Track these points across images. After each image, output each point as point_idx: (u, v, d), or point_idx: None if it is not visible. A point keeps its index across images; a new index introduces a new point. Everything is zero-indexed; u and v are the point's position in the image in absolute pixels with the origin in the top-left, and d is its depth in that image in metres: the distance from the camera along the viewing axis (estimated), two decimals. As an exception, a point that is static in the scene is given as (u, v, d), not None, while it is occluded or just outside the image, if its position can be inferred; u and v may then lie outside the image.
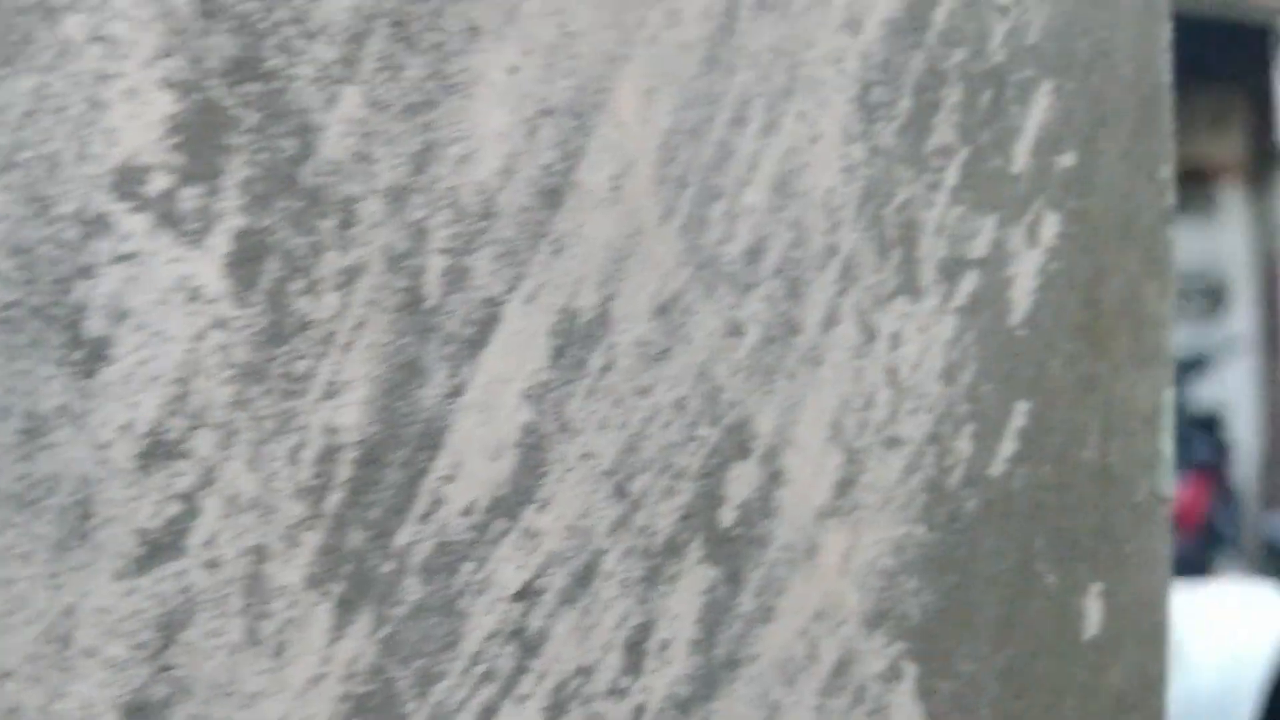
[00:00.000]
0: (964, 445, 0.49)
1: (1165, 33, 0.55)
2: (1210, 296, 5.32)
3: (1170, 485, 0.53)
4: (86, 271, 0.34)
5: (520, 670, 0.41)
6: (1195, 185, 5.52)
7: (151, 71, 0.35)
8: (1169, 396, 0.54)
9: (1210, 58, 5.38)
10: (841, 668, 0.46)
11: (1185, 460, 4.74)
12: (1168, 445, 0.54)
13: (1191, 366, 5.04)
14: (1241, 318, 5.79)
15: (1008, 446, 0.49)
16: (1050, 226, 0.51)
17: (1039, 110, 0.51)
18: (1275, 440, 5.79)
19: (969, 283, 0.49)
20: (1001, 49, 0.49)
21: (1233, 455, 5.13)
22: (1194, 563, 4.31)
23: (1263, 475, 5.79)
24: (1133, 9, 0.53)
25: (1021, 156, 0.50)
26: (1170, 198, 0.54)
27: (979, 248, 0.49)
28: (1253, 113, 5.78)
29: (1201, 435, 4.94)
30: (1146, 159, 0.53)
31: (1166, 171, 0.54)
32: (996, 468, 0.49)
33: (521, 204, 0.40)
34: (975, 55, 0.49)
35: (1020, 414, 0.50)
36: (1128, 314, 0.53)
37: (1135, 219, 0.53)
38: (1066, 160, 0.51)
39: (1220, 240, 5.76)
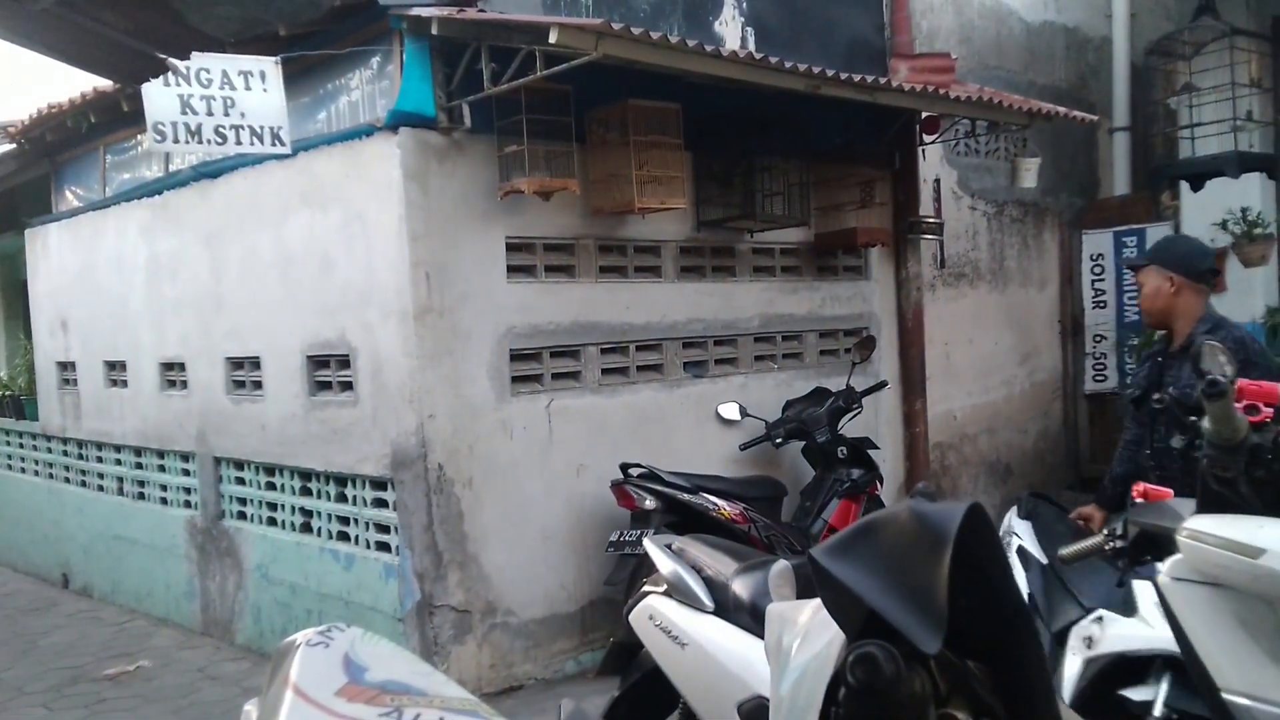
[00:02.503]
0: None
1: None
2: (864, 345, 5.96)
3: None
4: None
5: None
6: (850, 250, 6.35)
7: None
8: None
9: (862, 141, 6.24)
10: None
11: (840, 484, 5.47)
12: None
13: (850, 403, 5.64)
14: (887, 361, 6.69)
15: None
16: None
17: None
18: (912, 464, 6.74)
19: None
20: None
21: (880, 477, 5.74)
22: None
23: (904, 492, 6.72)
24: None
25: None
26: None
27: None
28: (898, 188, 6.71)
29: (855, 461, 5.54)
30: None
31: None
32: None
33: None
34: None
35: None
36: None
37: None
38: None
39: (871, 298, 6.58)
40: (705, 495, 4.86)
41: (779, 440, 5.56)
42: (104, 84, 5.97)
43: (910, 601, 1.18)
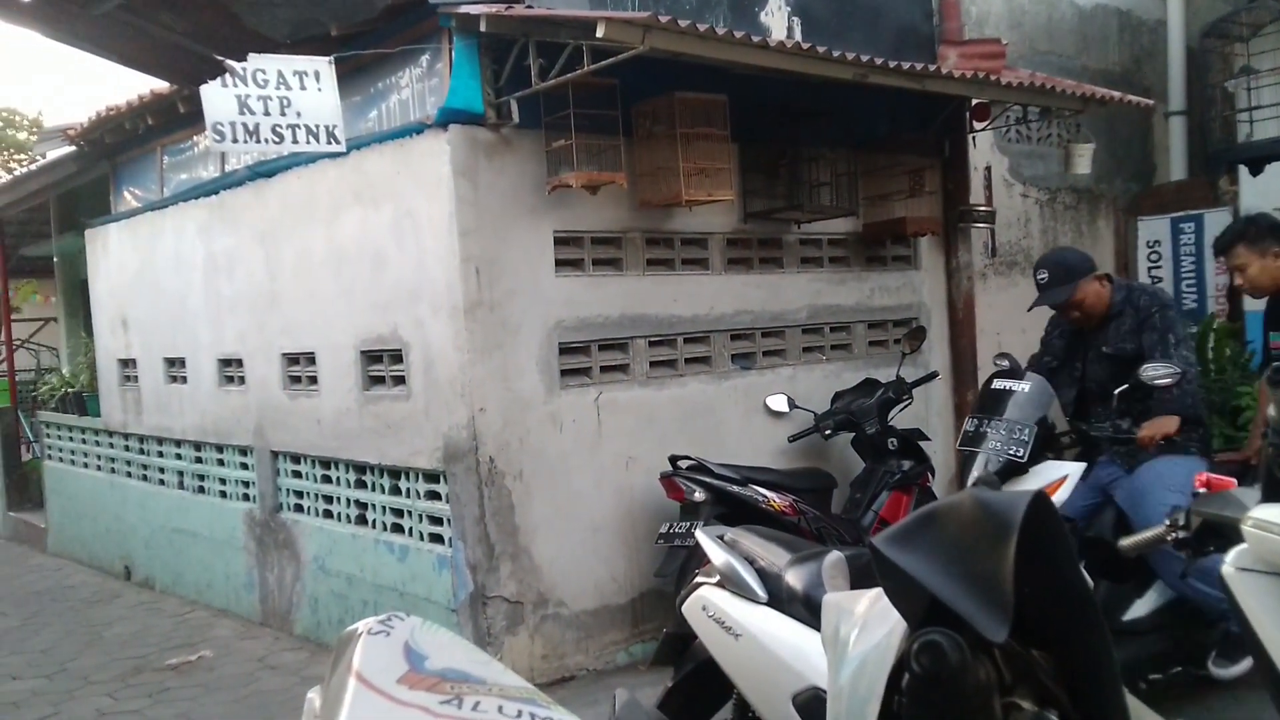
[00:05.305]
0: None
1: None
2: (913, 335, 5.86)
3: None
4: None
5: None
6: (899, 240, 6.29)
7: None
8: None
9: (911, 129, 6.18)
10: None
11: (891, 476, 5.42)
12: None
13: (900, 395, 5.56)
14: (937, 352, 6.62)
15: None
16: None
17: None
18: (964, 456, 6.65)
19: None
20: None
21: (931, 469, 5.66)
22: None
23: (956, 483, 6.65)
24: None
25: None
26: None
27: None
28: (947, 176, 6.62)
29: (905, 452, 5.46)
30: None
31: None
32: None
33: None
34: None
35: None
36: None
37: None
38: None
39: (921, 288, 6.52)
40: (754, 487, 4.86)
41: (828, 432, 5.53)
42: (161, 86, 6.10)
43: (975, 590, 1.17)
